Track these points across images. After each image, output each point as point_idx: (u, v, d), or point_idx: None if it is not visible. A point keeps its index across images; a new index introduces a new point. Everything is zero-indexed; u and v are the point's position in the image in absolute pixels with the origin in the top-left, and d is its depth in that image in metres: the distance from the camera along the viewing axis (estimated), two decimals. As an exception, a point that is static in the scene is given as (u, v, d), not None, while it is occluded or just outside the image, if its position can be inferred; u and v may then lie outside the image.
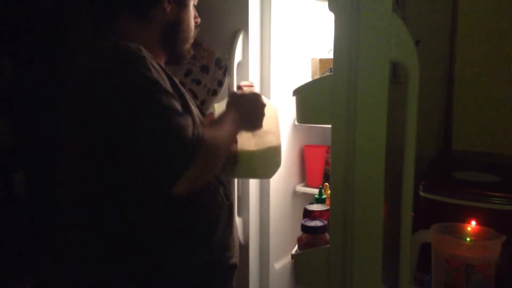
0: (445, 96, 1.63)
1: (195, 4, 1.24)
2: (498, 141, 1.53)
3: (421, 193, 1.25)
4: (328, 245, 0.97)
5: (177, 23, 1.17)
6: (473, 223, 1.14)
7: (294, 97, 0.99)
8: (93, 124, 0.99)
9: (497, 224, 1.11)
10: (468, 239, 1.11)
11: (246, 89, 1.26)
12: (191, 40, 1.23)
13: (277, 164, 1.32)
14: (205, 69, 1.66)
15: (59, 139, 1.09)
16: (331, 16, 0.92)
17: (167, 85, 1.02)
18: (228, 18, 1.61)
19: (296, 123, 1.80)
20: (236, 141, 1.24)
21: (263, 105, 1.21)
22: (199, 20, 1.25)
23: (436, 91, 1.64)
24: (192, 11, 1.21)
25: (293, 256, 1.02)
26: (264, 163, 1.29)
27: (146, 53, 1.03)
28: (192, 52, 1.25)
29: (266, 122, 1.24)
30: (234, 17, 1.61)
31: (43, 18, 2.19)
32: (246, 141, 1.25)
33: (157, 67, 1.04)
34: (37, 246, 2.05)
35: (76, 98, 1.03)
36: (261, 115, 1.21)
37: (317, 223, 1.18)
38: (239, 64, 1.59)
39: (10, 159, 2.16)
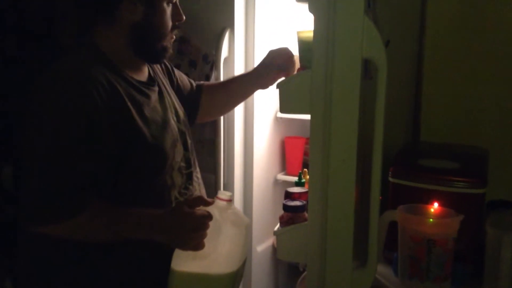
0: (415, 93, 1.71)
1: (174, 2, 1.19)
2: (461, 133, 1.62)
3: (390, 179, 1.31)
4: (306, 222, 1.04)
5: (144, 24, 1.15)
6: (436, 204, 1.22)
7: (278, 90, 1.02)
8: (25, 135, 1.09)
9: (456, 205, 1.19)
10: (430, 219, 1.19)
11: (219, 202, 1.07)
12: (166, 39, 1.20)
13: None
14: (193, 64, 1.73)
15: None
16: (311, 16, 0.96)
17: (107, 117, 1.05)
18: (215, 16, 1.66)
19: (278, 115, 1.86)
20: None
21: (200, 227, 1.04)
22: (183, 18, 1.22)
23: (406, 88, 1.71)
24: (165, 10, 1.17)
25: (275, 233, 1.10)
26: None
27: (100, 82, 1.07)
28: (170, 51, 1.22)
29: (221, 243, 1.05)
30: (221, 15, 1.66)
31: (32, 17, 2.19)
32: (183, 259, 1.06)
33: (110, 93, 1.07)
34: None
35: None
36: (194, 238, 1.05)
37: (297, 203, 1.27)
38: (225, 59, 1.64)
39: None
